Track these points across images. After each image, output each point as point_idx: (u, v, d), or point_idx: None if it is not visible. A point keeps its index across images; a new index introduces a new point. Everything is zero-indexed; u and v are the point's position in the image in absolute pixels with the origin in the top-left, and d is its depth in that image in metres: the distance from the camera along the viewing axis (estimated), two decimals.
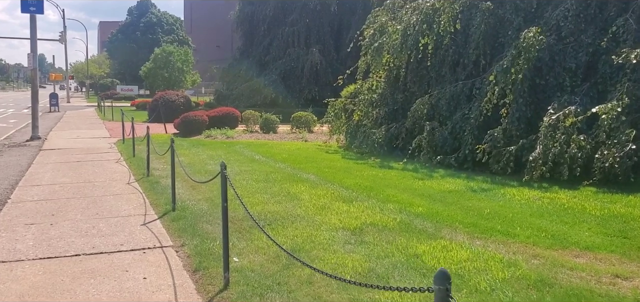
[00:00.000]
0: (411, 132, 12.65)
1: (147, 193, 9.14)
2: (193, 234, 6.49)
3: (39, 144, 16.59)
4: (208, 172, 10.95)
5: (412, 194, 8.53)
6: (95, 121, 27.19)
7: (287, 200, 8.13)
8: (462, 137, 11.40)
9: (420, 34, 12.55)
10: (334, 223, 6.69)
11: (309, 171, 10.85)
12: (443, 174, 10.59)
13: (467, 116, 11.57)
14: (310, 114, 20.20)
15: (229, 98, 32.12)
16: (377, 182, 9.56)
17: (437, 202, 7.99)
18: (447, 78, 12.88)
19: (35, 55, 18.24)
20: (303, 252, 5.61)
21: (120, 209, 8.02)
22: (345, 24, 32.87)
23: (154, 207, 8.10)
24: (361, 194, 8.45)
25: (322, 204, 7.76)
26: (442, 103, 12.22)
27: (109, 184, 9.98)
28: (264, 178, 10.04)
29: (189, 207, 7.92)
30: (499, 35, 12.36)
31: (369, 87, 15.04)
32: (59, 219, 7.39)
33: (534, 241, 5.91)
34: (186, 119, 19.31)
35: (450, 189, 9.06)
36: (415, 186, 9.31)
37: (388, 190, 8.81)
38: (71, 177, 10.67)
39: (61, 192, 9.27)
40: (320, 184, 9.36)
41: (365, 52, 14.40)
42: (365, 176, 10.32)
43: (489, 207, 7.58)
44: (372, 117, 14.01)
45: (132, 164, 12.49)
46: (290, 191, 8.76)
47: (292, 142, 16.84)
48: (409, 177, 10.15)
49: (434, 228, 6.42)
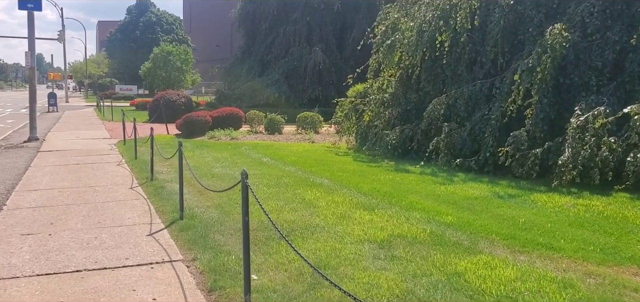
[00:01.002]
0: (426, 134, 12.10)
1: (152, 199, 8.59)
2: (205, 247, 5.93)
3: (37, 146, 16.02)
4: (215, 176, 10.40)
5: (436, 201, 7.97)
6: (94, 121, 26.61)
7: (302, 207, 7.57)
8: (482, 139, 10.85)
9: (437, 31, 11.98)
10: (358, 234, 6.13)
11: (321, 175, 10.29)
12: (464, 178, 10.04)
13: (486, 117, 11.02)
14: (316, 115, 19.64)
15: (231, 98, 31.54)
16: (396, 188, 9.00)
17: (464, 209, 7.44)
18: (464, 77, 12.33)
19: (33, 53, 17.66)
20: (329, 268, 5.06)
21: (123, 217, 7.47)
22: (348, 22, 32.31)
23: (160, 215, 7.54)
24: (382, 201, 7.89)
25: (342, 212, 7.20)
26: (459, 103, 11.66)
27: (110, 189, 9.42)
28: (275, 183, 9.48)
29: (197, 215, 7.37)
30: (518, 33, 11.81)
31: (380, 87, 14.49)
32: (58, 229, 6.84)
33: (582, 255, 5.36)
34: (189, 119, 18.74)
35: (475, 195, 8.51)
36: (437, 191, 8.76)
37: (410, 196, 8.26)
38: (71, 181, 10.11)
39: (60, 198, 8.72)
40: (335, 189, 8.80)
41: (377, 50, 13.83)
42: (381, 180, 9.76)
43: (522, 216, 7.04)
44: (384, 118, 13.44)
45: (134, 166, 11.93)
46: (305, 197, 8.20)
47: (299, 144, 16.28)
48: (428, 182, 9.60)
49: (469, 241, 5.87)
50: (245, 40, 35.70)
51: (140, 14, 71.66)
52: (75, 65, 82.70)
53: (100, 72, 73.38)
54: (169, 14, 74.08)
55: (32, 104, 17.87)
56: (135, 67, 58.07)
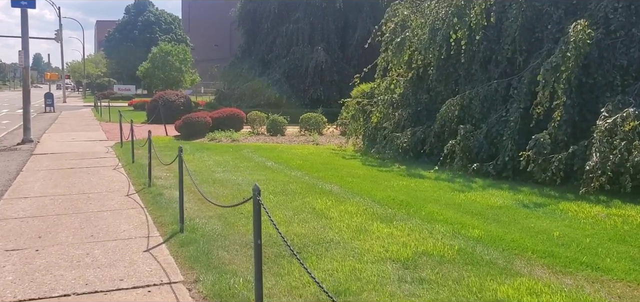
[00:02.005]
0: (439, 137, 11.49)
1: (149, 208, 7.98)
2: (208, 265, 5.33)
3: (30, 148, 15.40)
4: (217, 182, 9.79)
5: (458, 211, 7.36)
6: (91, 122, 25.97)
7: (313, 218, 6.96)
8: (500, 143, 10.24)
9: (451, 28, 11.37)
10: (377, 251, 5.52)
11: (330, 181, 9.68)
12: (482, 184, 9.43)
13: (504, 119, 10.42)
14: (320, 115, 19.01)
15: (231, 98, 30.89)
16: (412, 195, 8.39)
17: (490, 221, 6.83)
18: (478, 77, 11.73)
19: (27, 52, 17.03)
20: (350, 294, 4.45)
21: (118, 229, 6.85)
22: (351, 21, 31.67)
23: (159, 227, 6.93)
24: (399, 211, 7.27)
25: (357, 224, 6.59)
26: (475, 104, 11.04)
27: (105, 197, 8.81)
28: (281, 190, 8.86)
29: (199, 228, 6.75)
30: (535, 30, 11.19)
31: (387, 87, 13.87)
32: (47, 243, 6.22)
33: (636, 278, 4.76)
34: (188, 120, 18.11)
35: (498, 203, 7.90)
36: (457, 199, 8.15)
37: (428, 205, 7.64)
38: (63, 188, 9.50)
39: (51, 206, 8.10)
40: (347, 198, 8.19)
41: (386, 49, 13.21)
42: (395, 187, 9.15)
43: (554, 228, 6.43)
44: (393, 119, 12.82)
45: (131, 171, 11.32)
46: (315, 207, 7.59)
47: (303, 146, 15.65)
48: (445, 189, 8.99)
49: (504, 259, 5.26)
50: (245, 39, 35.03)
51: (139, 13, 70.94)
52: (73, 65, 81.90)
53: (99, 72, 72.64)
54: (168, 14, 73.33)
55: (26, 104, 17.24)
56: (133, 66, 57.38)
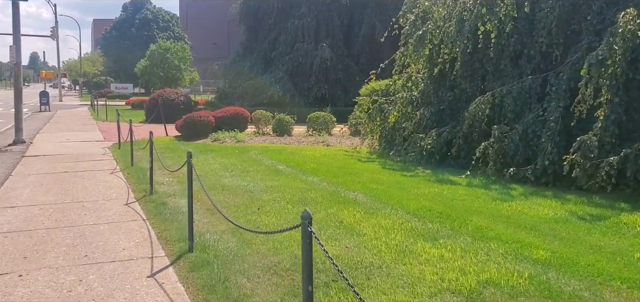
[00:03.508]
0: (466, 138, 10.53)
1: (152, 220, 7.02)
2: (226, 298, 4.39)
3: (22, 150, 14.40)
4: (226, 188, 8.82)
5: (509, 225, 6.41)
6: (87, 122, 24.95)
7: (344, 235, 6.00)
8: (538, 145, 9.29)
9: (479, 20, 10.41)
10: (431, 280, 4.57)
11: (352, 188, 8.71)
12: (522, 191, 8.48)
13: (541, 119, 9.46)
14: (328, 115, 18.03)
15: (232, 96, 29.85)
16: (449, 205, 7.43)
17: (551, 238, 5.87)
18: (507, 72, 10.77)
19: (19, 48, 16.03)
20: None
21: (117, 247, 5.89)
22: (356, 17, 30.69)
23: (164, 245, 5.97)
24: (442, 226, 6.31)
25: (397, 243, 5.63)
26: (507, 102, 10.07)
27: (102, 206, 7.84)
28: (300, 198, 7.90)
29: (211, 246, 5.80)
30: (572, 22, 10.23)
31: (404, 84, 12.91)
32: (33, 266, 5.27)
33: None
34: (190, 120, 17.12)
35: (549, 215, 6.95)
36: (501, 210, 7.19)
37: (472, 218, 6.69)
38: (55, 195, 8.53)
39: (41, 218, 7.14)
40: (376, 208, 7.23)
41: (405, 42, 12.23)
42: (426, 195, 8.18)
43: (630, 248, 5.49)
44: (414, 119, 11.85)
45: (130, 175, 10.35)
46: (343, 220, 6.63)
47: (313, 147, 14.67)
48: (483, 197, 8.03)
49: (590, 293, 4.31)
50: (247, 36, 33.95)
51: (136, 11, 69.88)
52: (69, 63, 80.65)
53: (95, 71, 71.55)
54: (166, 12, 72.33)
55: (17, 103, 16.25)
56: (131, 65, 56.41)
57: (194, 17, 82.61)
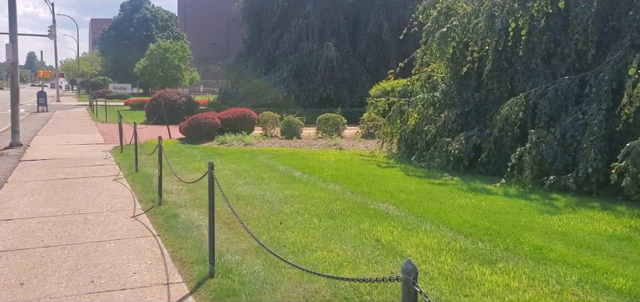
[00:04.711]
0: (496, 143, 9.81)
1: (163, 236, 6.30)
2: None
3: (19, 153, 13.65)
4: (241, 198, 8.09)
5: (568, 244, 5.68)
6: (86, 123, 24.19)
7: (385, 257, 5.27)
8: (578, 151, 8.58)
9: (510, 16, 9.70)
10: None
11: (379, 198, 7.99)
12: (566, 203, 7.76)
13: (581, 122, 8.75)
14: (339, 116, 17.28)
15: (235, 97, 29.06)
16: (493, 219, 6.70)
17: (622, 261, 5.14)
18: (539, 72, 10.06)
19: (15, 46, 15.27)
20: None
21: (127, 270, 5.17)
22: (362, 16, 29.93)
23: (180, 267, 5.25)
24: (493, 245, 5.58)
25: (450, 268, 4.90)
26: (542, 104, 9.35)
27: (107, 219, 7.12)
28: (325, 211, 7.17)
29: (234, 268, 5.09)
30: (610, 18, 9.54)
31: (423, 84, 12.19)
32: (31, 295, 4.57)
33: None
34: (195, 122, 16.37)
35: (609, 232, 6.23)
36: (552, 225, 6.47)
37: (524, 235, 5.96)
38: (55, 206, 7.80)
39: (39, 233, 6.41)
40: (413, 223, 6.50)
41: (425, 40, 11.50)
42: (464, 206, 7.46)
43: None
44: (438, 121, 11.12)
45: (135, 182, 9.63)
46: (379, 238, 5.90)
47: (326, 151, 13.93)
48: (527, 210, 7.30)
49: None
50: (250, 35, 33.14)
51: (135, 10, 69.10)
52: (67, 63, 79.79)
53: (93, 70, 70.74)
54: (165, 11, 71.59)
55: (14, 104, 15.49)
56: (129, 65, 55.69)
57: (192, 17, 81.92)
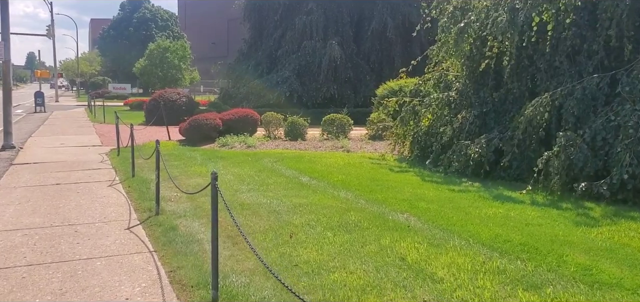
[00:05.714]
0: (519, 146, 9.14)
1: (160, 252, 5.64)
2: None
3: (10, 156, 12.99)
4: (245, 206, 7.43)
5: (619, 264, 5.01)
6: (84, 123, 23.52)
7: (414, 281, 4.60)
8: (611, 155, 7.92)
9: (534, 9, 9.03)
10: None
11: (396, 207, 7.32)
12: (602, 212, 7.09)
13: (613, 124, 8.09)
14: (345, 117, 16.60)
15: (236, 97, 28.37)
16: (527, 232, 6.03)
17: None
18: (563, 70, 9.40)
19: (8, 44, 14.61)
20: None
21: (118, 296, 4.53)
22: (366, 13, 29.23)
23: (179, 292, 4.60)
24: (534, 265, 4.91)
25: (491, 296, 4.24)
26: (570, 105, 8.68)
27: (98, 231, 6.46)
28: (339, 223, 6.51)
29: (240, 293, 4.45)
30: None
31: (436, 83, 11.53)
32: None
33: None
34: (195, 123, 15.71)
35: None
36: (595, 240, 5.80)
37: (565, 251, 5.30)
38: (44, 216, 7.15)
39: (23, 249, 5.76)
40: (441, 239, 5.83)
41: (441, 37, 10.83)
42: (492, 217, 6.79)
43: None
44: (455, 122, 10.44)
45: (131, 189, 8.97)
46: (404, 257, 5.23)
47: (332, 154, 13.26)
48: (561, 221, 6.64)
49: None
50: (251, 34, 32.45)
51: (134, 9, 68.50)
52: (66, 63, 79.08)
53: (93, 70, 70.08)
54: (164, 11, 71.03)
55: (6, 105, 14.84)
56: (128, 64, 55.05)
57: (192, 16, 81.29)
